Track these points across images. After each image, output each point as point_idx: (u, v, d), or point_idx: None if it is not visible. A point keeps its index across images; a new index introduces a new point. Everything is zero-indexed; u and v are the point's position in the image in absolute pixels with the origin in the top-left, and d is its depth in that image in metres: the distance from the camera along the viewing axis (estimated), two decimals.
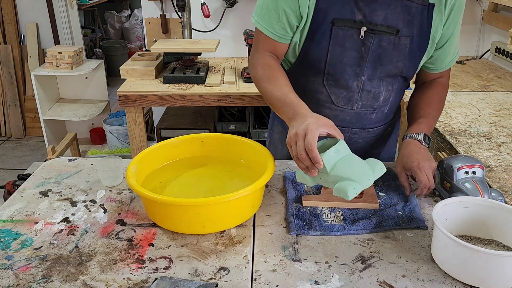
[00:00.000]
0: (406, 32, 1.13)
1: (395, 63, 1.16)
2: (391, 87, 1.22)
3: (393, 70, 1.17)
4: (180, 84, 2.27)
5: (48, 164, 1.29)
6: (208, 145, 1.20)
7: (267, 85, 1.13)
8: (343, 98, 1.21)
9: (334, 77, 1.18)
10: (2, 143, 3.83)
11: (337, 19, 1.11)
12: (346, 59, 1.15)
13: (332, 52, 1.14)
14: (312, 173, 0.93)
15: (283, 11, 1.12)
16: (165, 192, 1.09)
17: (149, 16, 2.83)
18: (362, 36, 1.12)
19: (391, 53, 1.14)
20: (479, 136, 1.52)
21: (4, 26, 3.66)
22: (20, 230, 0.99)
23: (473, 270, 0.80)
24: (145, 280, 0.84)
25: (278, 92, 1.09)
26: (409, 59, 1.16)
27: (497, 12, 2.57)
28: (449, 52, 1.22)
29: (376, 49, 1.14)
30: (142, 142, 2.32)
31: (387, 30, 1.12)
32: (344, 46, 1.14)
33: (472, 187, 1.02)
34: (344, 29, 1.12)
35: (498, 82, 2.22)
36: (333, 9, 1.11)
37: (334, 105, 1.23)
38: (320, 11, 1.11)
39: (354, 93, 1.20)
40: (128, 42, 5.79)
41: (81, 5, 4.59)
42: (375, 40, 1.13)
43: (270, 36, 1.17)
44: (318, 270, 0.86)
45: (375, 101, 1.23)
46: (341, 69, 1.17)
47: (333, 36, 1.13)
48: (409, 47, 1.14)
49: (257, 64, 1.19)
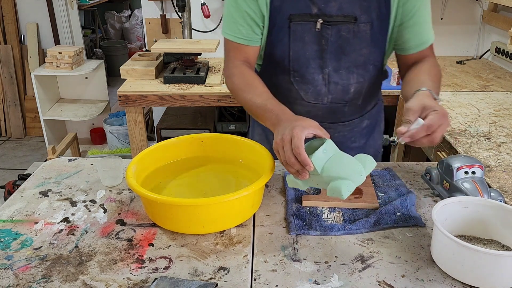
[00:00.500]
0: (364, 19, 1.13)
1: (358, 51, 1.16)
2: (363, 78, 1.21)
3: (359, 59, 1.17)
4: (180, 84, 2.27)
5: (48, 164, 1.29)
6: (208, 145, 1.20)
7: (246, 94, 1.11)
8: (312, 93, 1.22)
9: (300, 73, 1.19)
10: (3, 143, 3.83)
11: (294, 15, 1.12)
12: (308, 53, 1.16)
13: (293, 48, 1.15)
14: (303, 177, 0.90)
15: (246, 13, 1.14)
16: (165, 192, 1.09)
17: (149, 16, 2.83)
18: (318, 29, 1.13)
19: (352, 41, 1.14)
20: (478, 136, 1.52)
21: (4, 26, 3.67)
22: (20, 230, 0.99)
23: (472, 270, 0.80)
24: (145, 280, 0.84)
25: (258, 99, 1.07)
26: (373, 45, 1.16)
27: (497, 12, 2.57)
28: (420, 30, 1.16)
29: (336, 40, 1.14)
30: (142, 142, 2.32)
31: (344, 20, 1.12)
32: (304, 40, 1.14)
33: (472, 187, 1.02)
34: (301, 23, 1.13)
35: (498, 82, 2.22)
36: (288, 5, 1.12)
37: (304, 101, 1.24)
38: (276, 9, 1.13)
39: (322, 86, 1.20)
40: (128, 42, 5.80)
41: (81, 5, 4.59)
42: (333, 31, 1.13)
43: (239, 42, 1.17)
44: (318, 270, 0.87)
45: (345, 94, 1.22)
46: (305, 63, 1.17)
47: (291, 32, 1.14)
48: (370, 33, 1.14)
49: (231, 75, 1.18)
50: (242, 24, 1.15)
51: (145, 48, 2.92)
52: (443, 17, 2.73)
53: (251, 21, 1.14)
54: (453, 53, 2.82)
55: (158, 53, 2.54)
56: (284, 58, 1.18)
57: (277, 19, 1.14)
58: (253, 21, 1.14)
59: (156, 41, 2.47)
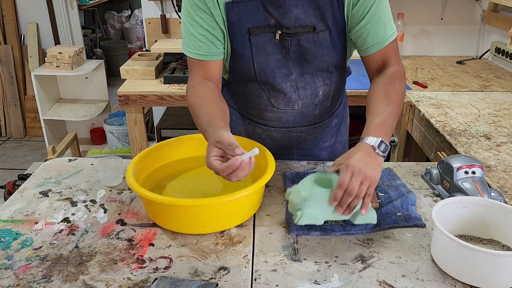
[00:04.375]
0: (322, 27, 1.13)
1: (320, 58, 1.16)
2: (329, 80, 1.22)
3: (322, 65, 1.18)
4: (180, 84, 2.27)
5: (48, 164, 1.29)
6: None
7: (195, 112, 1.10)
8: (282, 100, 1.22)
9: (268, 82, 1.19)
10: (3, 143, 3.83)
11: (252, 28, 1.12)
12: (273, 63, 1.16)
13: (257, 60, 1.15)
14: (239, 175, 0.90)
15: (204, 29, 1.11)
16: (165, 192, 1.09)
17: (149, 16, 2.83)
18: (277, 40, 1.13)
19: (313, 50, 1.14)
20: (478, 136, 1.52)
21: (4, 26, 3.67)
22: (20, 230, 0.99)
23: (472, 269, 0.80)
24: (145, 280, 0.84)
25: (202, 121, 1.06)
26: (334, 51, 1.16)
27: (497, 12, 2.57)
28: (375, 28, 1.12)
29: (297, 49, 1.15)
30: (142, 142, 2.32)
31: (302, 30, 1.12)
32: (266, 51, 1.15)
33: (472, 187, 1.02)
34: (261, 35, 1.13)
35: (498, 82, 2.22)
36: (245, 19, 1.12)
37: (275, 108, 1.24)
38: (234, 24, 1.12)
39: (291, 94, 1.20)
40: (128, 42, 5.80)
41: (81, 5, 4.59)
42: (293, 42, 1.13)
43: (200, 58, 1.14)
44: (318, 270, 0.87)
45: (314, 97, 1.23)
46: (271, 73, 1.17)
47: (253, 44, 1.14)
48: (329, 40, 1.14)
49: (188, 93, 1.16)
50: (202, 40, 1.13)
51: (145, 48, 2.92)
52: (443, 17, 2.73)
53: (210, 36, 1.13)
54: (453, 53, 2.82)
55: (158, 53, 2.54)
56: (250, 71, 1.17)
57: (237, 33, 1.13)
58: (213, 36, 1.13)
59: (156, 41, 2.47)
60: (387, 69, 1.14)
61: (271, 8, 1.11)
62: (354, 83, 2.13)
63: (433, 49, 2.81)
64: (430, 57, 2.76)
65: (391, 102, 1.06)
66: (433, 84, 2.21)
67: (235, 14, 1.11)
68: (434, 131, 1.64)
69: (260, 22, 1.12)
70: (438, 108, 1.80)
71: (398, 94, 1.09)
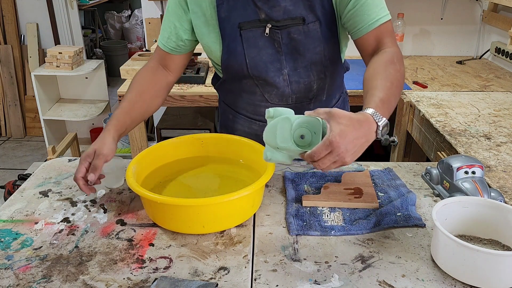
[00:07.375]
0: (312, 18, 1.13)
1: (313, 50, 1.16)
2: (323, 74, 1.22)
3: (315, 57, 1.18)
4: (180, 84, 2.27)
5: (48, 164, 1.29)
6: (208, 145, 1.20)
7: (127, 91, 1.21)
8: (275, 95, 1.23)
9: (261, 77, 1.20)
10: (3, 143, 3.83)
11: (243, 23, 1.13)
12: (265, 58, 1.17)
13: (249, 55, 1.16)
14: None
15: (174, 25, 1.20)
16: (165, 192, 1.09)
17: (149, 16, 2.83)
18: (267, 34, 1.13)
19: (304, 42, 1.15)
20: (478, 136, 1.52)
21: (4, 26, 3.67)
22: (20, 230, 0.99)
23: (472, 270, 0.80)
24: (145, 280, 0.84)
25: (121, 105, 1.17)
26: (326, 42, 1.16)
27: (497, 12, 2.57)
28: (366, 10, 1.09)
29: (289, 42, 1.15)
30: (142, 142, 2.32)
31: (292, 23, 1.12)
32: (258, 46, 1.15)
33: (472, 187, 1.02)
34: (252, 30, 1.14)
35: (498, 82, 2.22)
36: (235, 14, 1.13)
37: (269, 103, 1.25)
38: (224, 20, 1.14)
39: (285, 88, 1.21)
40: (128, 42, 5.80)
41: (81, 5, 4.59)
42: (283, 35, 1.14)
43: (162, 48, 1.24)
44: (318, 270, 0.87)
45: (308, 92, 1.23)
46: (264, 68, 1.18)
47: (244, 39, 1.14)
48: (320, 31, 1.14)
49: (139, 71, 1.26)
50: (170, 35, 1.21)
51: (145, 48, 2.92)
52: (443, 17, 2.73)
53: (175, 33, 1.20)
54: (453, 53, 2.82)
55: None
56: (243, 67, 1.18)
57: (227, 29, 1.14)
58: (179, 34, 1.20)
59: (156, 41, 2.47)
60: (384, 50, 1.10)
61: (260, 2, 1.11)
62: (354, 83, 2.13)
63: (433, 49, 2.81)
64: (430, 57, 2.76)
65: (393, 80, 1.00)
66: (433, 84, 2.21)
67: (225, 10, 1.13)
68: (434, 131, 1.64)
69: (250, 17, 1.13)
70: (438, 108, 1.80)
71: (401, 73, 1.04)
